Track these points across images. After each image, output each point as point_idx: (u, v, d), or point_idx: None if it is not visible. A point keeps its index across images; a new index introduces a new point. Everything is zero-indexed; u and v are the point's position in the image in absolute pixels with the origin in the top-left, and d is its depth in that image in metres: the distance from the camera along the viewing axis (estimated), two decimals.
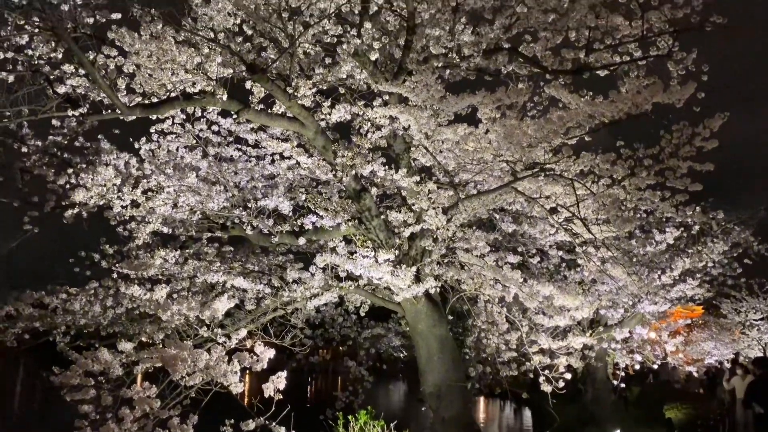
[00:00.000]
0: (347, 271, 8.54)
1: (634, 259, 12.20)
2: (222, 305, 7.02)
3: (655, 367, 20.44)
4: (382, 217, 8.87)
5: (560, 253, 11.75)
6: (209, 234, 9.79)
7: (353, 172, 8.37)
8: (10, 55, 7.26)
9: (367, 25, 8.17)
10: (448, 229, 8.52)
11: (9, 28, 7.04)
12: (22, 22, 7.07)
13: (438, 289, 9.02)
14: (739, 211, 13.43)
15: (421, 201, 8.40)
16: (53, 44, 7.37)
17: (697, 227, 12.32)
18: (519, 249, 11.21)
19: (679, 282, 12.60)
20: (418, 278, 8.54)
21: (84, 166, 8.48)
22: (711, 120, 7.80)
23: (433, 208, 8.35)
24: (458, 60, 8.50)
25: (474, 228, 9.19)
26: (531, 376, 10.40)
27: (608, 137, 8.71)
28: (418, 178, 8.59)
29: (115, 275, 9.25)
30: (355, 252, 8.45)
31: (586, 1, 8.09)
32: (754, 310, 25.23)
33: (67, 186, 8.38)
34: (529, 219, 10.53)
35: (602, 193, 8.29)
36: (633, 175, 8.25)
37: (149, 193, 8.65)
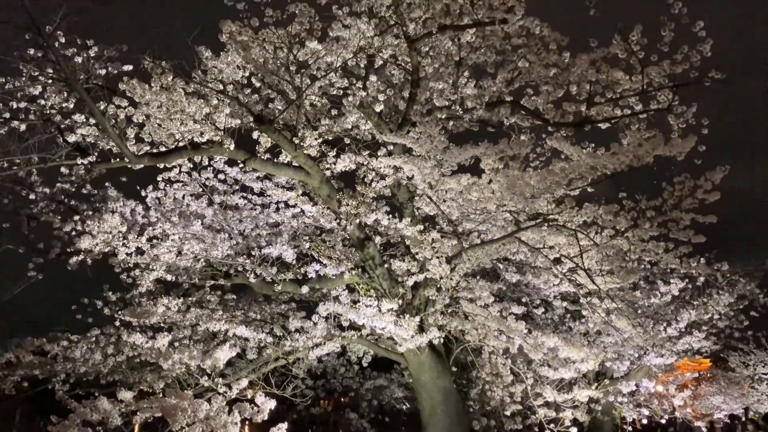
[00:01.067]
0: (350, 320, 8.50)
1: (639, 311, 12.10)
2: (223, 354, 6.98)
3: (663, 421, 20.00)
4: (386, 265, 8.87)
5: (565, 303, 11.69)
6: (212, 282, 9.79)
7: (357, 220, 8.42)
8: (23, 104, 7.44)
9: (373, 78, 8.36)
10: (451, 279, 8.50)
11: (24, 78, 7.22)
12: (37, 73, 7.26)
13: (441, 340, 8.95)
14: (744, 262, 13.38)
15: (425, 250, 8.42)
16: (65, 94, 7.56)
17: (702, 279, 12.26)
18: (523, 299, 11.15)
19: (686, 334, 12.46)
20: (421, 328, 8.48)
21: (90, 213, 8.56)
22: (712, 173, 7.86)
23: (437, 258, 8.35)
24: (461, 112, 8.64)
25: (478, 278, 9.18)
26: (536, 430, 10.19)
27: (611, 188, 8.78)
28: (421, 227, 8.62)
29: (117, 323, 9.22)
30: (358, 301, 8.42)
31: (587, 56, 8.26)
32: (763, 363, 24.79)
33: (73, 233, 8.44)
34: (533, 269, 10.51)
35: (606, 244, 8.29)
36: (636, 226, 8.26)
37: (154, 241, 8.70)
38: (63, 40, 7.21)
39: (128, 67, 7.45)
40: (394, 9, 7.73)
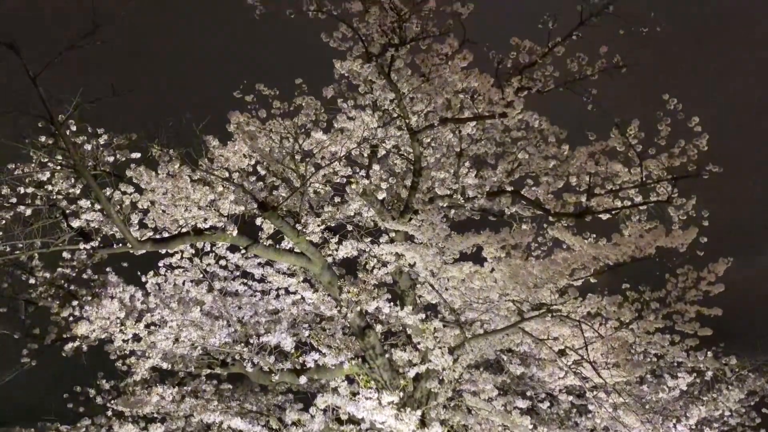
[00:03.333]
0: (349, 413, 8.22)
1: (647, 406, 11.71)
2: None
3: None
4: (387, 356, 8.69)
5: (570, 397, 11.31)
6: (208, 371, 9.56)
7: (358, 308, 8.33)
8: (30, 190, 7.55)
9: (376, 167, 8.52)
10: (454, 370, 8.30)
11: (33, 165, 7.37)
12: (46, 160, 7.42)
13: None
14: (753, 357, 13.09)
15: (427, 340, 8.27)
16: (73, 180, 7.69)
17: (710, 373, 11.96)
18: (528, 393, 10.83)
19: None
20: (423, 422, 8.19)
21: (89, 298, 8.48)
22: (715, 265, 7.84)
23: (439, 348, 8.19)
24: (463, 201, 8.75)
25: (481, 369, 8.97)
26: None
27: (614, 279, 8.73)
28: (423, 316, 8.52)
29: (109, 412, 8.92)
30: (358, 393, 8.18)
31: (585, 149, 8.47)
32: None
33: (71, 318, 8.33)
34: (538, 361, 10.27)
35: (611, 336, 8.15)
36: (641, 318, 8.15)
37: (152, 327, 8.57)
38: (74, 128, 7.42)
39: (136, 155, 7.62)
40: (397, 102, 7.99)
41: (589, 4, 7.83)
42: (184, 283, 9.16)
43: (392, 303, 8.65)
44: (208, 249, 8.97)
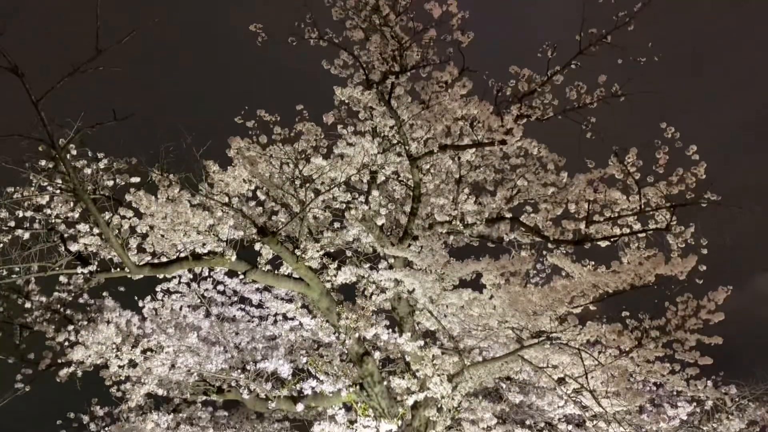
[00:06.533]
0: None
1: None
2: None
3: None
4: (385, 383, 8.60)
5: (570, 426, 11.19)
6: (204, 397, 9.44)
7: (356, 334, 8.27)
8: (29, 213, 7.52)
9: (375, 193, 8.53)
10: (453, 398, 8.22)
11: (32, 188, 7.36)
12: (46, 184, 7.41)
13: None
14: (753, 386, 13.00)
15: (426, 367, 8.20)
16: (72, 204, 7.67)
17: (710, 402, 11.86)
18: (527, 422, 10.71)
19: None
20: None
21: (85, 323, 8.41)
22: (715, 293, 7.83)
23: (438, 375, 8.12)
24: (462, 227, 8.74)
25: (480, 398, 8.88)
26: None
27: (614, 306, 8.70)
28: (422, 343, 8.45)
29: None
30: (356, 421, 8.08)
31: (584, 176, 8.50)
32: None
33: (66, 343, 8.25)
34: (537, 389, 10.19)
35: (610, 365, 8.09)
36: (640, 346, 8.10)
37: (148, 353, 8.49)
38: (74, 152, 7.43)
39: (136, 179, 7.62)
40: (397, 129, 8.03)
41: (588, 34, 7.92)
42: (181, 308, 9.11)
43: (391, 329, 8.60)
44: (206, 274, 8.94)
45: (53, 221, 7.65)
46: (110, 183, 7.63)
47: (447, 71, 7.76)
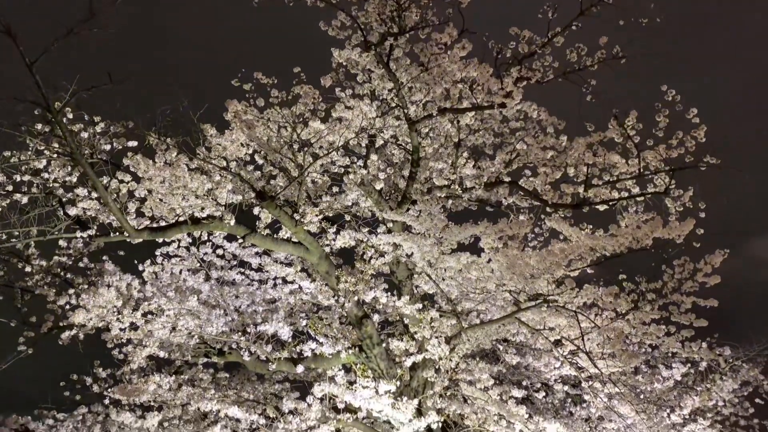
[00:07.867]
0: (346, 402, 8.25)
1: (642, 396, 11.79)
2: None
3: None
4: (384, 345, 8.71)
5: (566, 387, 11.38)
6: (205, 359, 9.56)
7: (355, 297, 8.33)
8: (26, 178, 7.51)
9: (374, 157, 8.50)
10: (451, 360, 8.33)
11: (29, 152, 7.33)
12: (43, 148, 7.37)
13: (440, 424, 8.66)
14: (747, 348, 13.17)
15: (424, 329, 8.29)
16: (69, 169, 7.65)
17: (704, 363, 12.03)
18: (524, 382, 10.89)
19: (690, 421, 12.08)
20: (419, 412, 8.23)
21: (86, 287, 8.46)
22: (712, 256, 7.87)
23: (436, 337, 8.22)
24: (460, 191, 8.74)
25: (477, 359, 9.00)
26: None
27: (610, 269, 8.76)
28: (420, 306, 8.52)
29: (106, 401, 8.93)
30: (355, 382, 8.21)
31: (584, 140, 8.46)
32: None
33: (67, 307, 8.31)
34: (534, 351, 10.32)
35: (606, 327, 8.18)
36: (637, 308, 8.19)
37: (149, 316, 8.56)
38: (71, 116, 7.37)
39: (133, 143, 7.58)
40: (395, 92, 7.96)
41: None
42: (181, 272, 9.15)
43: (389, 293, 8.66)
44: (206, 238, 8.96)
45: (51, 185, 7.64)
46: (107, 147, 7.59)
47: (446, 33, 7.66)
